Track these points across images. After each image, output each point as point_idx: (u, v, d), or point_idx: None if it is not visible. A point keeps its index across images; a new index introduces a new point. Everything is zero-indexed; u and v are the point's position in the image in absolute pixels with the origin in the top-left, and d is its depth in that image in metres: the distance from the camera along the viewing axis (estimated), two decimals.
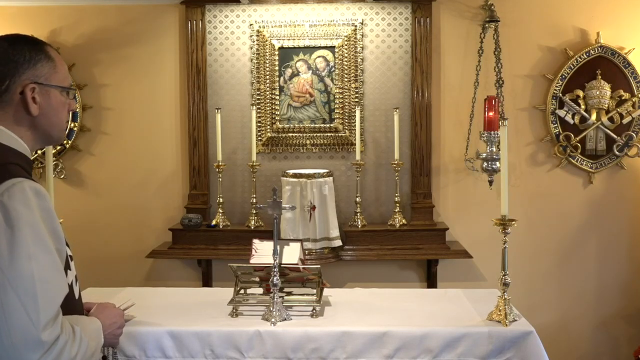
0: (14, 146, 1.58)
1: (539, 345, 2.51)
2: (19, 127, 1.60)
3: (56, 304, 1.45)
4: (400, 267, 4.15)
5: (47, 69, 1.63)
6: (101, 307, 1.81)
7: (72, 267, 1.62)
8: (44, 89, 1.61)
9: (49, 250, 1.46)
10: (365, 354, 2.52)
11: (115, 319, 1.81)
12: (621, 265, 4.18)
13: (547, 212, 4.15)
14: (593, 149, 4.09)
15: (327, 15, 4.08)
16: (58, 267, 1.48)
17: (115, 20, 4.15)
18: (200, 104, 4.10)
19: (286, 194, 3.82)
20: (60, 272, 1.50)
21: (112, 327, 1.77)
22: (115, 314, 1.83)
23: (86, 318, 1.67)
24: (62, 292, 1.48)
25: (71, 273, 1.61)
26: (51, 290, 1.44)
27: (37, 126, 1.62)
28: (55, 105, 1.64)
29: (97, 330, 1.65)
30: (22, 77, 1.59)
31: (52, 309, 1.43)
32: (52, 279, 1.45)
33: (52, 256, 1.47)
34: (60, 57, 1.72)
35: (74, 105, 1.74)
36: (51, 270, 1.45)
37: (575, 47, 4.04)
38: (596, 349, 4.22)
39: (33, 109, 1.59)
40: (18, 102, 1.59)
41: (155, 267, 4.22)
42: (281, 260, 2.74)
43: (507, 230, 2.58)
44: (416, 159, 4.07)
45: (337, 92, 4.09)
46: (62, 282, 1.50)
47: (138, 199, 4.21)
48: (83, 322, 1.60)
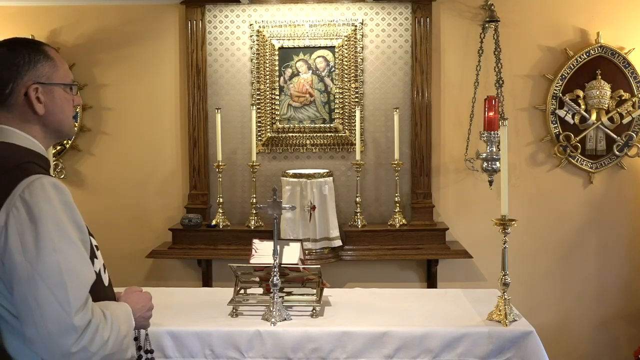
0: (29, 146, 1.64)
1: (539, 345, 2.52)
2: (29, 127, 1.65)
3: (85, 290, 1.51)
4: (400, 267, 4.15)
5: (48, 68, 1.66)
6: (129, 292, 1.85)
7: (98, 256, 1.70)
8: (47, 87, 1.66)
9: (72, 241, 1.52)
10: (365, 354, 2.52)
11: (144, 302, 1.85)
12: (621, 265, 4.18)
13: (547, 212, 4.15)
14: (593, 149, 4.09)
15: (327, 15, 4.08)
16: (83, 256, 1.55)
17: (115, 20, 4.15)
18: (200, 104, 4.10)
19: (286, 194, 3.82)
20: (86, 261, 1.56)
21: (141, 310, 1.81)
22: (143, 298, 1.86)
23: (115, 303, 1.71)
24: (89, 279, 1.54)
25: (98, 262, 1.68)
26: (78, 278, 1.50)
27: (46, 124, 1.68)
28: (60, 102, 1.69)
29: (127, 314, 1.70)
30: (24, 79, 1.63)
31: (82, 296, 1.49)
32: (78, 268, 1.51)
33: (77, 246, 1.53)
34: (59, 55, 1.75)
35: (78, 100, 1.79)
36: (76, 259, 1.52)
37: (575, 47, 4.04)
38: (596, 349, 4.22)
39: (38, 108, 1.64)
40: (23, 103, 1.63)
41: (155, 267, 4.22)
42: (281, 260, 2.74)
43: (507, 230, 2.58)
44: (416, 159, 4.07)
45: (337, 92, 4.09)
46: (89, 270, 1.56)
47: (138, 199, 4.21)
48: (113, 307, 1.65)
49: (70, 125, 1.75)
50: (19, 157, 1.59)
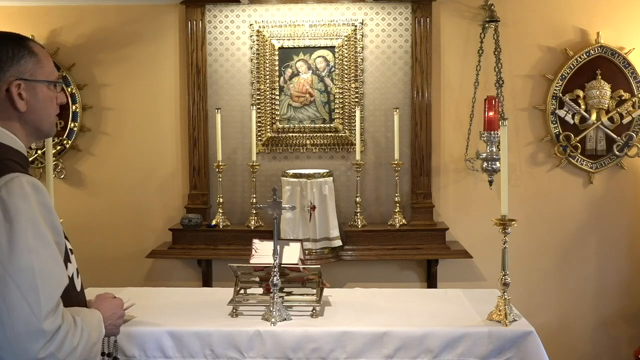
0: (9, 143, 1.60)
1: (539, 345, 2.52)
2: (9, 124, 1.61)
3: (56, 295, 1.47)
4: (400, 267, 4.15)
5: (32, 65, 1.62)
6: (100, 299, 1.83)
7: (72, 260, 1.65)
8: (30, 84, 1.62)
9: (48, 243, 1.48)
10: (365, 354, 2.52)
11: (115, 310, 1.83)
12: (621, 265, 4.18)
13: (547, 212, 4.15)
14: (593, 149, 4.09)
15: (327, 15, 4.08)
16: (57, 259, 1.51)
17: (115, 20, 4.15)
18: (200, 104, 4.10)
19: (286, 194, 3.82)
20: (60, 264, 1.52)
21: (112, 317, 1.80)
22: (115, 305, 1.85)
23: (86, 310, 1.69)
24: (61, 283, 1.50)
25: (71, 266, 1.64)
26: (51, 282, 1.46)
27: (26, 121, 1.63)
28: (43, 99, 1.65)
29: (98, 321, 1.67)
30: (7, 75, 1.59)
31: (53, 300, 1.45)
32: (52, 271, 1.47)
33: (51, 249, 1.49)
34: (45, 51, 1.71)
35: (62, 98, 1.73)
36: (51, 262, 1.48)
37: (575, 47, 4.04)
38: (596, 349, 4.22)
39: (20, 105, 1.60)
40: (4, 99, 1.59)
41: (155, 267, 4.22)
42: (281, 260, 2.74)
43: (507, 230, 2.58)
44: (416, 159, 4.07)
45: (337, 92, 4.09)
46: (62, 273, 1.52)
47: (138, 199, 4.21)
48: (84, 313, 1.62)
49: (50, 123, 1.70)
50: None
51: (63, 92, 1.76)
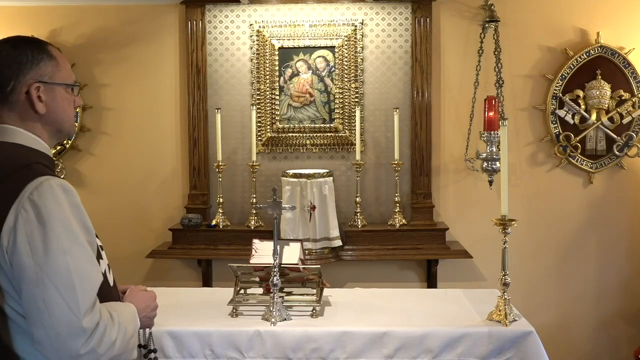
0: (34, 146, 1.64)
1: (539, 345, 2.52)
2: (32, 125, 1.65)
3: (93, 293, 1.52)
4: (400, 267, 4.15)
5: (50, 68, 1.67)
6: (133, 292, 1.87)
7: (103, 256, 1.70)
8: (49, 87, 1.66)
9: (80, 243, 1.52)
10: (365, 354, 2.52)
11: (148, 302, 1.87)
12: (621, 265, 4.18)
13: (547, 212, 4.15)
14: (593, 149, 4.09)
15: (327, 15, 4.08)
16: (91, 258, 1.55)
17: (115, 20, 4.15)
18: (200, 104, 4.10)
19: (286, 194, 3.82)
20: (94, 263, 1.56)
21: (146, 310, 1.83)
22: (148, 297, 1.89)
23: (121, 304, 1.73)
24: (97, 281, 1.55)
25: (103, 262, 1.69)
26: (87, 281, 1.51)
27: (47, 123, 1.67)
28: (61, 102, 1.69)
29: (133, 314, 1.72)
30: (27, 77, 1.63)
31: (90, 298, 1.50)
32: (87, 270, 1.52)
33: (85, 248, 1.53)
34: (63, 55, 1.75)
35: (79, 101, 1.79)
36: (85, 261, 1.52)
37: (575, 47, 4.04)
38: (596, 349, 4.22)
39: (39, 107, 1.64)
40: (24, 101, 1.63)
41: (155, 267, 4.22)
42: (281, 260, 2.74)
43: (507, 230, 2.58)
44: (416, 159, 4.07)
45: (337, 92, 4.09)
46: (96, 272, 1.57)
47: (138, 199, 4.21)
48: (119, 308, 1.66)
49: (71, 125, 1.74)
50: (26, 158, 1.58)
51: (79, 96, 1.80)
